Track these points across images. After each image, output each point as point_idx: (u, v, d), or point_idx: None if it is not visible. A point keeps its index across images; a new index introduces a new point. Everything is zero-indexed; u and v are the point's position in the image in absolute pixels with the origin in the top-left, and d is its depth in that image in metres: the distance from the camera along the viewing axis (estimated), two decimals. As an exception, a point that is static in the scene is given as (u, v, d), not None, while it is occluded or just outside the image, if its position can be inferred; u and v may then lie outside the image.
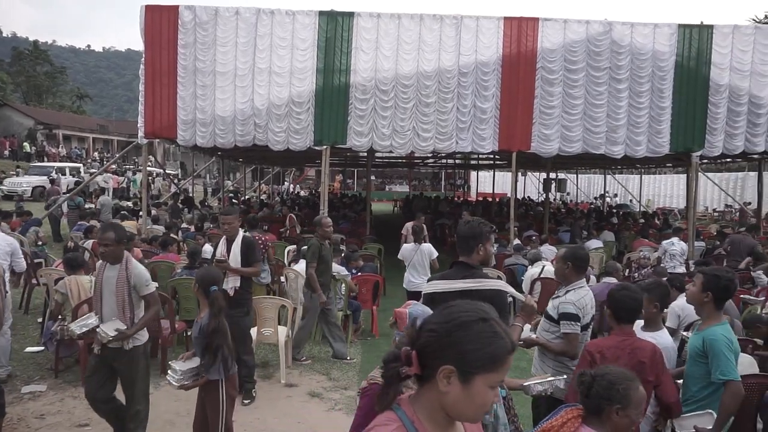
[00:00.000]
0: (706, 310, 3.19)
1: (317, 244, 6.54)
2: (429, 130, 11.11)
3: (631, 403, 2.27)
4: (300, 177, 43.60)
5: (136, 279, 3.99)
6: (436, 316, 1.40)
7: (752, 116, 11.49)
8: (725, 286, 3.12)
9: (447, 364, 1.30)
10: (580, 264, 3.69)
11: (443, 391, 1.31)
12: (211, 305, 3.70)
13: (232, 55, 11.05)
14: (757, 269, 8.79)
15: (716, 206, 28.63)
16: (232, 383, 3.83)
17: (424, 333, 1.35)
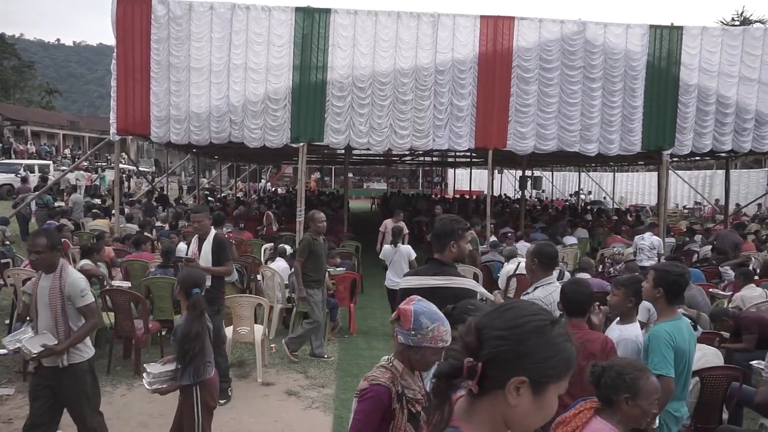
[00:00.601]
0: (659, 306, 3.20)
1: (309, 239, 6.49)
2: (406, 128, 11.13)
3: (641, 393, 2.29)
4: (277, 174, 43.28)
5: (71, 289, 3.63)
6: (497, 320, 1.21)
7: (720, 116, 11.80)
8: (674, 281, 3.11)
9: (518, 375, 1.15)
10: (547, 261, 3.70)
11: (512, 405, 1.17)
12: (192, 308, 3.60)
13: (207, 51, 10.88)
14: (724, 265, 9.06)
15: (686, 203, 29.36)
16: (209, 390, 3.65)
17: (490, 341, 1.17)
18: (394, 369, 2.21)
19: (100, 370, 5.91)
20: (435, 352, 2.20)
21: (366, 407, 2.16)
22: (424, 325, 2.15)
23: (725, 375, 4.16)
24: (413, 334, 2.16)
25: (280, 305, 7.66)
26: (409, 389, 2.20)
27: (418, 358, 2.19)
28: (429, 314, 2.19)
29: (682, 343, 3.06)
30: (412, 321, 2.16)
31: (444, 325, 2.21)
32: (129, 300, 6.03)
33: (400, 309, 2.27)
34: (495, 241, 10.22)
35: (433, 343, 2.16)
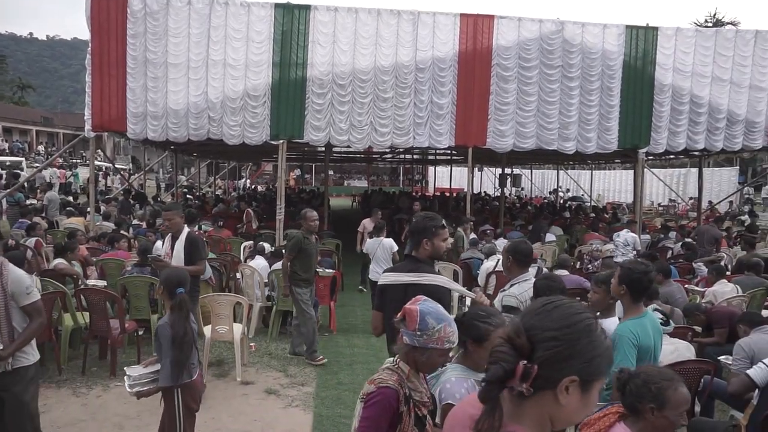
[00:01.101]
0: (625, 303, 3.26)
1: (299, 238, 6.38)
2: (386, 125, 11.13)
3: (668, 404, 2.22)
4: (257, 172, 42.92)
5: (14, 286, 3.36)
6: (546, 320, 1.19)
7: (693, 115, 12.05)
8: (637, 278, 3.16)
9: (569, 375, 1.16)
10: (521, 258, 3.78)
11: (562, 404, 1.17)
12: (178, 308, 3.52)
13: (185, 47, 10.74)
14: (697, 261, 9.27)
15: (661, 201, 29.96)
16: (191, 392, 3.58)
17: (543, 343, 1.16)
18: (401, 371, 2.15)
19: (74, 371, 5.83)
20: (442, 353, 2.16)
21: (374, 412, 2.08)
22: (431, 325, 2.11)
23: (697, 369, 4.25)
24: (419, 335, 2.11)
25: (259, 304, 7.61)
26: (415, 392, 2.15)
27: (424, 359, 2.14)
28: (435, 314, 2.14)
29: (645, 341, 3.10)
30: (417, 321, 2.11)
31: (451, 325, 2.17)
32: (104, 299, 5.93)
33: (406, 309, 2.18)
34: (475, 239, 10.29)
35: (440, 344, 2.12)
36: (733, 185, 27.74)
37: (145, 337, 6.69)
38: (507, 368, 1.16)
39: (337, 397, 5.45)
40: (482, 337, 2.41)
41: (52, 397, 5.22)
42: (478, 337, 2.42)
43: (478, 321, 2.44)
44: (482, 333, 2.41)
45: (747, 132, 12.28)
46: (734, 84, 12.03)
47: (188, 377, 3.55)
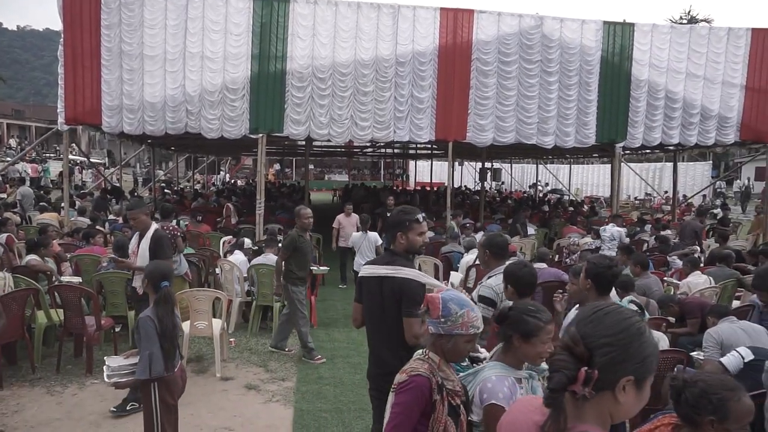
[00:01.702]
0: (591, 296, 3.36)
1: (295, 236, 6.31)
2: (367, 119, 11.10)
3: (730, 416, 2.06)
4: (236, 166, 42.49)
5: None
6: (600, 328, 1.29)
7: (668, 110, 12.27)
8: (600, 273, 3.29)
9: (626, 375, 1.26)
10: (498, 251, 3.85)
11: (620, 402, 1.28)
12: (163, 302, 3.51)
13: (161, 38, 10.55)
14: (672, 254, 9.46)
15: (637, 195, 30.48)
16: (168, 386, 3.54)
17: (600, 349, 1.26)
18: (431, 361, 2.14)
19: (49, 369, 5.73)
20: (468, 339, 2.15)
21: (406, 398, 2.06)
22: (453, 311, 2.11)
23: (671, 358, 4.34)
24: (443, 322, 2.12)
25: (239, 299, 7.55)
26: (448, 380, 2.13)
27: (450, 346, 2.14)
28: (458, 300, 2.14)
29: None
30: (440, 308, 2.12)
31: (474, 311, 2.15)
32: (79, 296, 5.82)
33: (428, 298, 2.18)
34: (455, 232, 10.34)
35: (464, 330, 2.12)
36: (707, 179, 28.37)
37: (122, 334, 6.60)
38: (569, 375, 1.26)
39: (317, 391, 5.44)
40: (531, 333, 2.31)
41: (25, 396, 5.11)
42: (526, 332, 2.32)
43: (527, 315, 2.34)
44: (532, 328, 2.31)
45: (719, 127, 12.55)
46: (707, 80, 12.28)
47: (166, 372, 3.51)
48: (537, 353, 2.30)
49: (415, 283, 3.02)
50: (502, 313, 2.37)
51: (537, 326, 2.31)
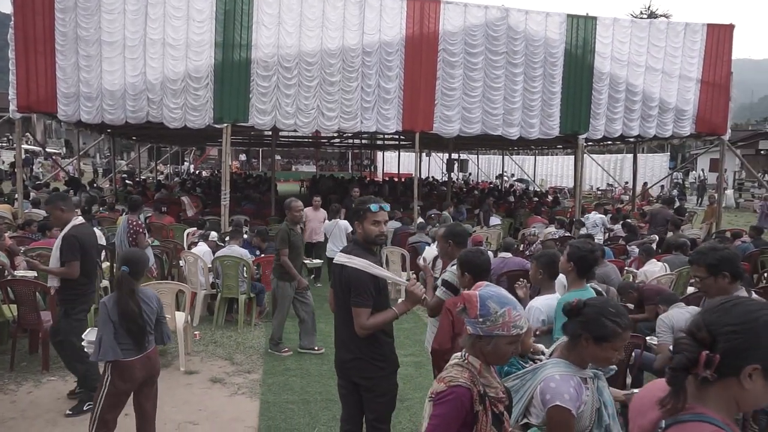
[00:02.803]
0: (570, 278, 3.58)
1: (286, 230, 6.13)
2: (334, 110, 11.02)
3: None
4: (201, 157, 41.65)
5: None
6: (726, 317, 1.33)
7: (629, 103, 12.60)
8: (583, 256, 3.47)
9: (752, 364, 1.29)
10: (460, 239, 3.95)
11: (746, 389, 1.31)
12: (117, 286, 3.60)
13: (120, 24, 10.21)
14: (631, 244, 9.76)
15: (599, 185, 31.27)
16: (120, 372, 3.51)
17: (724, 336, 1.31)
18: (471, 366, 1.98)
19: (2, 366, 5.52)
20: (510, 340, 1.97)
21: (445, 410, 1.91)
22: (492, 310, 1.94)
23: (628, 343, 4.48)
24: (481, 322, 1.95)
25: (204, 291, 7.43)
26: (490, 387, 1.98)
27: (490, 349, 1.96)
28: (498, 298, 1.97)
29: None
30: (478, 307, 1.95)
31: (516, 309, 1.97)
32: (34, 290, 5.61)
33: (464, 295, 2.00)
34: (422, 223, 10.41)
35: (506, 330, 1.94)
36: (665, 170, 29.31)
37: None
38: (690, 357, 1.32)
39: (284, 383, 5.42)
40: (607, 338, 2.10)
41: (-23, 394, 4.92)
42: (601, 336, 2.10)
43: (606, 318, 2.12)
44: (608, 333, 2.10)
45: (676, 119, 12.96)
46: (665, 74, 12.65)
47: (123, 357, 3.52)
48: (605, 358, 2.14)
49: (364, 274, 3.00)
50: (576, 306, 2.17)
51: (614, 332, 2.10)
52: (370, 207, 3.13)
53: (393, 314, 3.06)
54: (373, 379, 3.16)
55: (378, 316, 3.04)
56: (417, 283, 3.06)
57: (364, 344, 3.12)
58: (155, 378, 3.80)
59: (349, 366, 3.19)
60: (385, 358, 3.18)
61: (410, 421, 4.67)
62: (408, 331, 7.16)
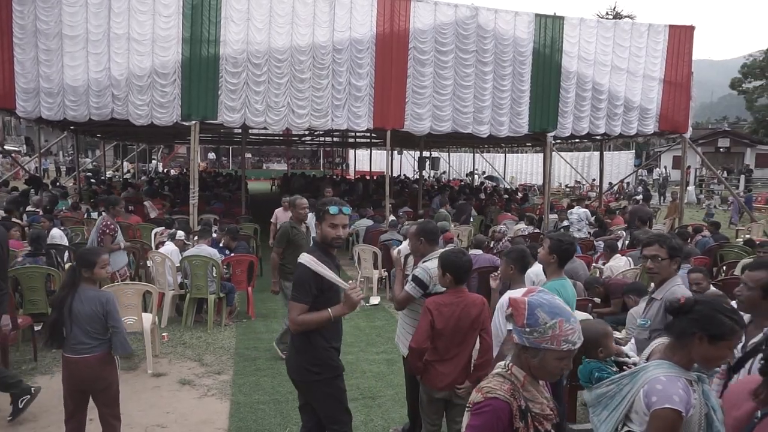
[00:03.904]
0: (551, 269, 3.80)
1: (287, 228, 5.94)
2: (304, 107, 10.94)
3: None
4: (169, 155, 40.83)
5: None
6: None
7: (595, 101, 12.87)
8: (566, 248, 3.74)
9: None
10: (431, 237, 4.00)
11: None
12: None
13: (83, 17, 9.90)
14: (598, 239, 9.98)
15: (568, 182, 31.89)
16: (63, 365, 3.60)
17: None
18: (514, 378, 1.80)
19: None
20: (560, 356, 1.75)
21: (479, 423, 1.76)
22: (542, 320, 1.74)
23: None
24: (528, 332, 1.75)
25: (172, 291, 7.29)
26: (534, 402, 1.79)
27: (536, 362, 1.77)
28: (549, 307, 1.76)
29: (567, 297, 3.60)
30: (526, 315, 1.76)
31: (569, 322, 1.76)
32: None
33: (512, 301, 1.83)
34: (394, 221, 10.43)
35: (555, 344, 1.73)
36: (630, 167, 30.08)
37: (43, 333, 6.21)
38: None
39: (255, 383, 5.36)
40: (724, 336, 1.98)
41: (-68, 402, 4.72)
42: (719, 334, 1.97)
43: (722, 314, 1.99)
44: (727, 330, 1.97)
45: (641, 118, 13.31)
46: (630, 73, 12.96)
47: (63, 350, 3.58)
48: (719, 357, 2.02)
49: (308, 270, 2.98)
50: (685, 304, 2.03)
51: (732, 329, 1.98)
52: (329, 209, 3.07)
53: (327, 316, 2.98)
54: (308, 384, 3.15)
55: (311, 314, 2.99)
56: (356, 288, 3.00)
57: (301, 346, 3.11)
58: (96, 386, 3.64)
59: (289, 366, 3.23)
60: (320, 363, 3.09)
61: (382, 419, 4.68)
62: (380, 329, 7.18)
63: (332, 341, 3.17)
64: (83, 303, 3.53)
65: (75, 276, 3.60)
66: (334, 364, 3.17)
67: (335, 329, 3.18)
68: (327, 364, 3.13)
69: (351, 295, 2.96)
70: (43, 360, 5.78)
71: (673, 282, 3.21)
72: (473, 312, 3.36)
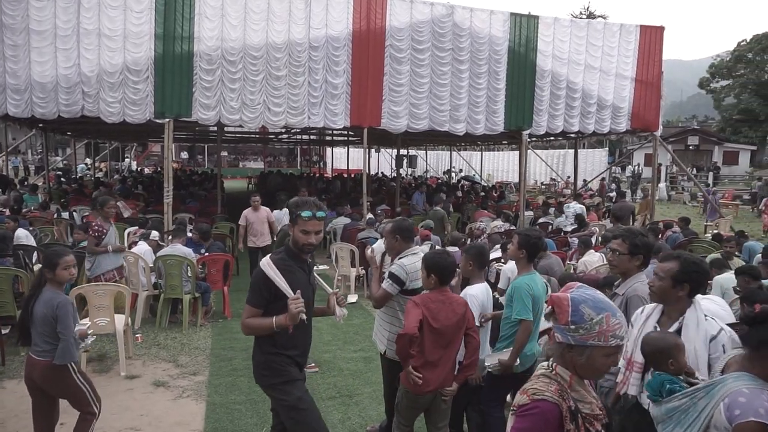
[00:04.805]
0: (521, 264, 3.89)
1: (287, 231, 5.84)
2: (280, 105, 10.84)
3: None
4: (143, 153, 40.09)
5: None
6: None
7: (569, 100, 13.05)
8: (534, 243, 3.84)
9: None
10: (407, 234, 4.04)
11: None
12: None
13: (51, 12, 9.63)
14: (573, 236, 10.15)
15: (543, 180, 32.30)
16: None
17: None
18: (561, 379, 1.73)
19: None
20: (608, 352, 1.69)
21: (526, 426, 1.69)
22: (587, 316, 1.67)
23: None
24: (573, 330, 1.68)
25: (146, 292, 7.17)
26: (583, 403, 1.72)
27: (583, 361, 1.69)
28: (594, 302, 1.69)
29: (537, 292, 3.70)
30: (569, 312, 1.68)
31: (615, 316, 1.69)
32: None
33: (553, 298, 1.74)
34: (371, 219, 10.42)
35: (603, 341, 1.66)
36: (604, 165, 30.59)
37: (10, 336, 6.05)
38: None
39: (231, 383, 5.31)
40: None
41: None
42: None
43: None
44: None
45: (613, 116, 13.54)
46: (603, 72, 13.17)
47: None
48: None
49: (259, 273, 2.94)
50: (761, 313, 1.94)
51: None
52: (302, 213, 2.92)
53: (269, 324, 2.89)
54: (262, 387, 3.13)
55: (258, 319, 2.93)
56: (298, 299, 2.83)
57: (254, 349, 3.10)
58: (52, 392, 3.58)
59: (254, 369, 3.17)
60: (269, 368, 3.01)
61: (360, 416, 4.68)
62: (357, 327, 7.18)
63: (285, 349, 3.02)
64: (40, 305, 3.45)
65: (41, 277, 3.55)
66: (284, 370, 3.02)
67: (291, 337, 2.98)
68: (275, 369, 3.01)
69: (290, 306, 2.81)
70: (12, 364, 5.64)
71: (637, 279, 3.28)
72: (459, 311, 3.38)
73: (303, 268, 3.07)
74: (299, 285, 2.93)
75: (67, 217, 11.47)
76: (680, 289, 2.72)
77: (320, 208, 3.01)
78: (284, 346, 3.02)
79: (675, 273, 2.73)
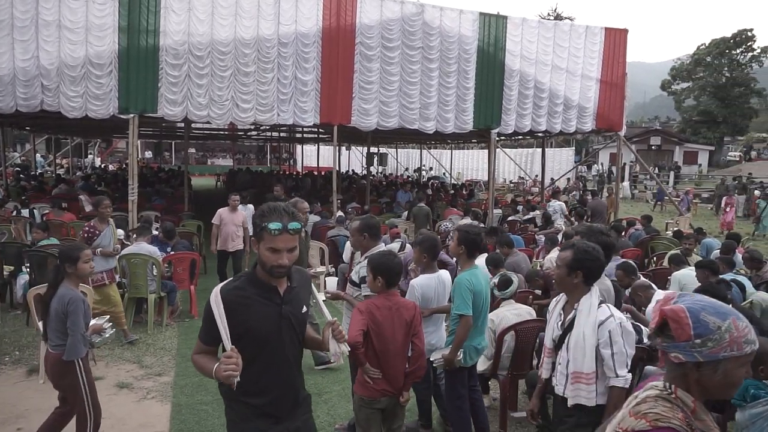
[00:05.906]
0: (462, 259, 3.93)
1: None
2: (249, 101, 10.71)
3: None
4: (107, 149, 39.03)
5: None
6: None
7: (537, 99, 13.27)
8: (472, 239, 3.86)
9: None
10: (375, 231, 4.06)
11: None
12: None
13: (7, 2, 9.27)
14: (540, 233, 10.33)
15: (512, 178, 32.78)
16: None
17: None
18: (683, 404, 1.45)
19: None
20: (744, 361, 1.44)
21: None
22: (713, 325, 1.41)
23: (535, 327, 4.75)
24: (700, 344, 1.41)
25: (109, 292, 6.98)
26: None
27: (719, 378, 1.43)
28: (713, 308, 1.44)
29: (478, 286, 3.78)
30: (691, 325, 1.42)
31: (740, 318, 1.44)
32: None
33: (664, 312, 1.47)
34: (341, 216, 10.40)
35: (737, 349, 1.41)
36: (571, 163, 31.25)
37: None
38: None
39: (198, 384, 5.23)
40: None
41: None
42: None
43: None
44: None
45: (579, 116, 13.84)
46: (569, 72, 13.45)
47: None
48: None
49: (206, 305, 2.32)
50: None
51: None
52: (269, 226, 2.16)
53: (209, 369, 2.21)
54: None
55: (202, 358, 2.30)
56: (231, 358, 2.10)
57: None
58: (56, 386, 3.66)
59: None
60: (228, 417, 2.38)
61: (328, 414, 4.67)
62: (327, 325, 7.15)
63: (246, 395, 2.26)
64: (55, 301, 3.54)
65: (58, 274, 3.60)
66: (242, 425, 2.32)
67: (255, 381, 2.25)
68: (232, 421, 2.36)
69: (219, 367, 2.13)
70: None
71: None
72: (407, 316, 3.23)
73: (270, 298, 2.29)
74: (258, 323, 2.24)
75: (26, 215, 11.09)
76: (575, 277, 2.88)
77: (293, 217, 2.22)
78: (246, 392, 2.22)
79: (569, 261, 2.89)
